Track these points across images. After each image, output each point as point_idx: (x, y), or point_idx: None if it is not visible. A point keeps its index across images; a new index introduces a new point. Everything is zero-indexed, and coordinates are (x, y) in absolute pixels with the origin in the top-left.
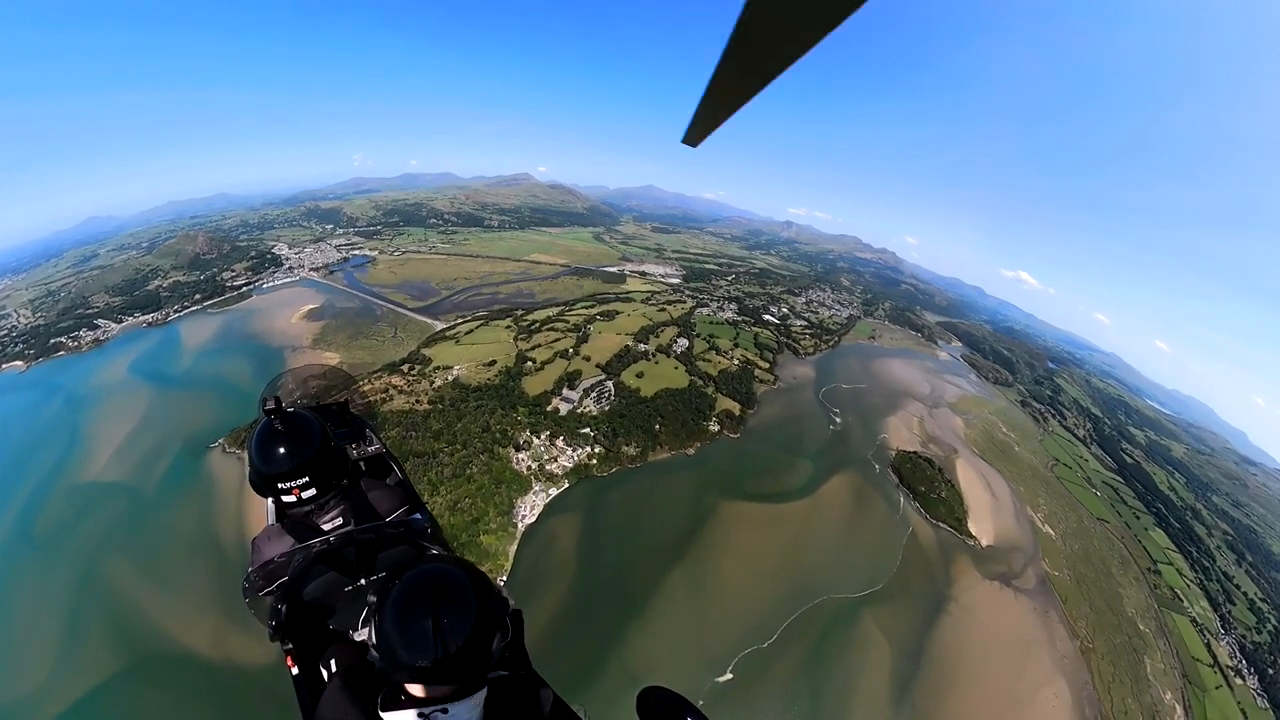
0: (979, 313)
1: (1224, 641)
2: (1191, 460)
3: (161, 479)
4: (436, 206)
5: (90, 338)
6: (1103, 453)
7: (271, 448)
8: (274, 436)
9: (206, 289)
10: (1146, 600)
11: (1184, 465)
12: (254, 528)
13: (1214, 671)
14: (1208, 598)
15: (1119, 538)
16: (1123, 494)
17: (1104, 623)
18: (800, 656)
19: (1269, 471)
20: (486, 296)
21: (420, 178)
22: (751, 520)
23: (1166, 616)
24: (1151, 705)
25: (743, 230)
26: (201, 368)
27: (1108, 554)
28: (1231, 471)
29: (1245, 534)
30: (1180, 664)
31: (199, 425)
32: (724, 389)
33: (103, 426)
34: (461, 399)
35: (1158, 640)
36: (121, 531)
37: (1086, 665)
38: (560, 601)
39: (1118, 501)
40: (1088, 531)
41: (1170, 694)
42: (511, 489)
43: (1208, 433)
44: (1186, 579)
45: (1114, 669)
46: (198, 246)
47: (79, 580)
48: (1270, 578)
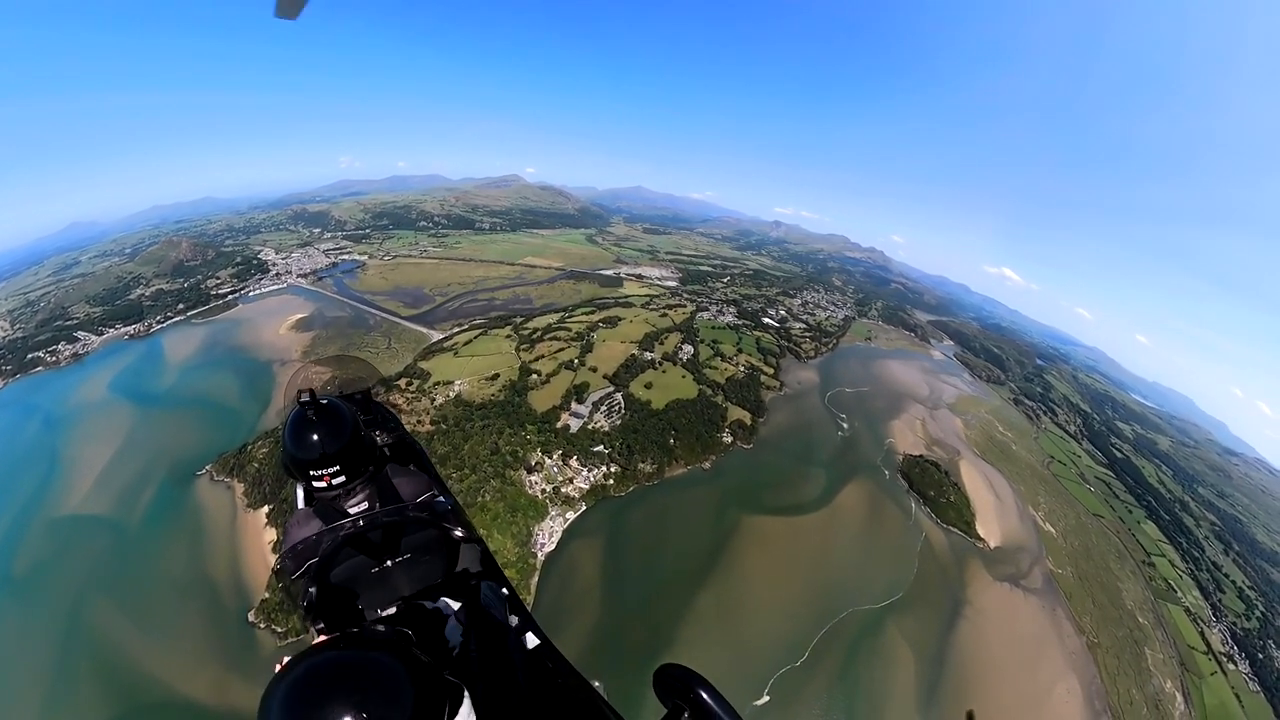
0: (966, 310)
1: (1216, 629)
2: (1177, 453)
3: (147, 512)
4: (426, 209)
5: (69, 352)
6: (1094, 448)
7: (305, 435)
8: (307, 425)
9: (190, 298)
10: (1143, 592)
11: (1170, 458)
12: (250, 566)
13: (1209, 659)
14: (1199, 587)
15: (1114, 532)
16: (1115, 488)
17: (1106, 617)
18: (832, 672)
19: (1250, 461)
20: (482, 303)
21: (409, 179)
22: (773, 535)
23: (1162, 607)
24: (1154, 695)
25: (732, 230)
26: (185, 385)
27: (1105, 549)
28: (1215, 463)
29: (1231, 524)
30: (1178, 653)
31: (184, 450)
32: (733, 397)
33: (82, 451)
34: (465, 418)
35: (1156, 631)
36: (107, 572)
37: (1093, 659)
38: (589, 636)
39: (1111, 496)
40: (1085, 528)
41: (1170, 683)
42: (528, 516)
43: (1190, 425)
44: (1179, 570)
45: (1118, 661)
46: (181, 253)
47: (64, 626)
48: (1256, 565)
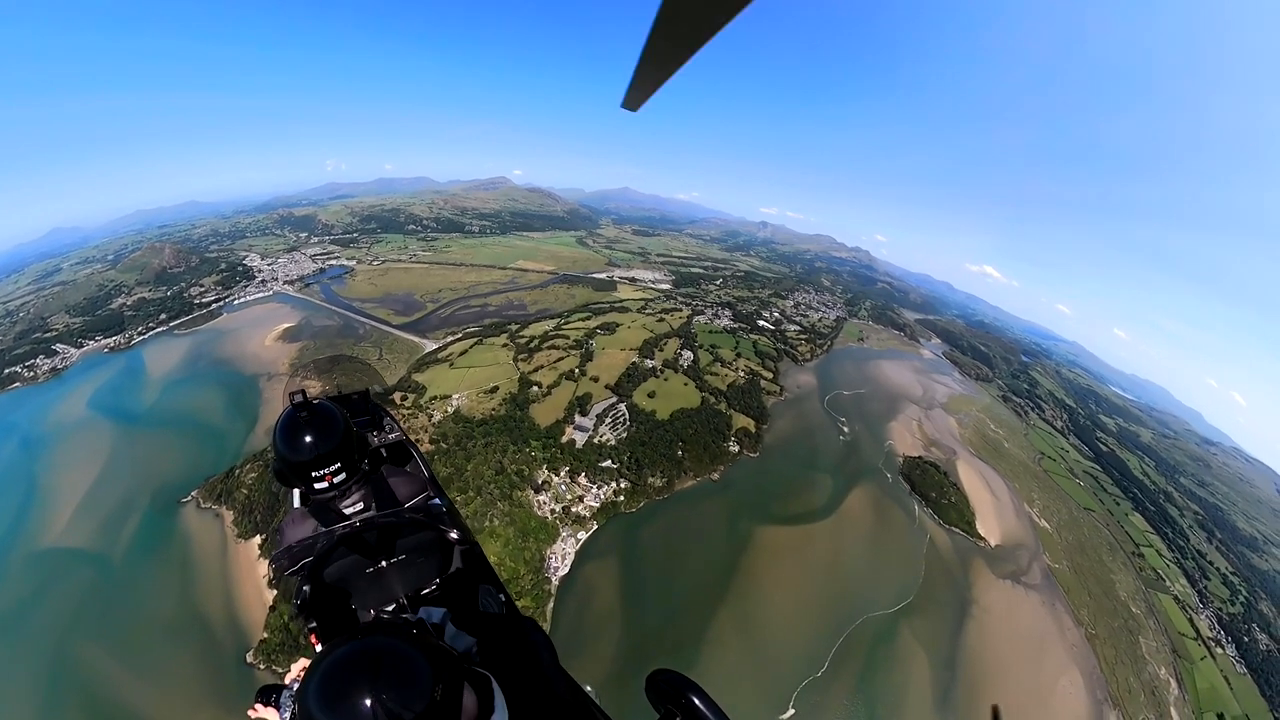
0: (950, 308)
1: (1203, 615)
2: (1158, 444)
3: (131, 544)
4: (415, 212)
5: (48, 366)
6: (1080, 443)
7: (298, 437)
8: (299, 426)
9: (173, 307)
10: (1135, 583)
11: (1153, 450)
12: (245, 603)
13: (1198, 644)
14: (1185, 575)
15: (1104, 525)
16: (1102, 482)
17: (1102, 608)
18: (852, 680)
19: (1227, 450)
20: (475, 309)
21: (396, 182)
22: (785, 545)
23: (1153, 596)
24: (1150, 682)
25: (720, 231)
26: (168, 402)
27: (1097, 542)
28: (1195, 453)
29: (1213, 512)
30: (1169, 640)
31: (168, 474)
32: (736, 404)
33: (62, 477)
34: (466, 435)
35: (1148, 620)
36: (92, 610)
37: (1093, 651)
38: (611, 662)
39: (1099, 490)
40: (1078, 522)
41: (1164, 669)
42: (539, 539)
43: (1169, 415)
44: (1165, 559)
45: (1116, 652)
46: (164, 259)
47: (49, 668)
48: (1237, 551)
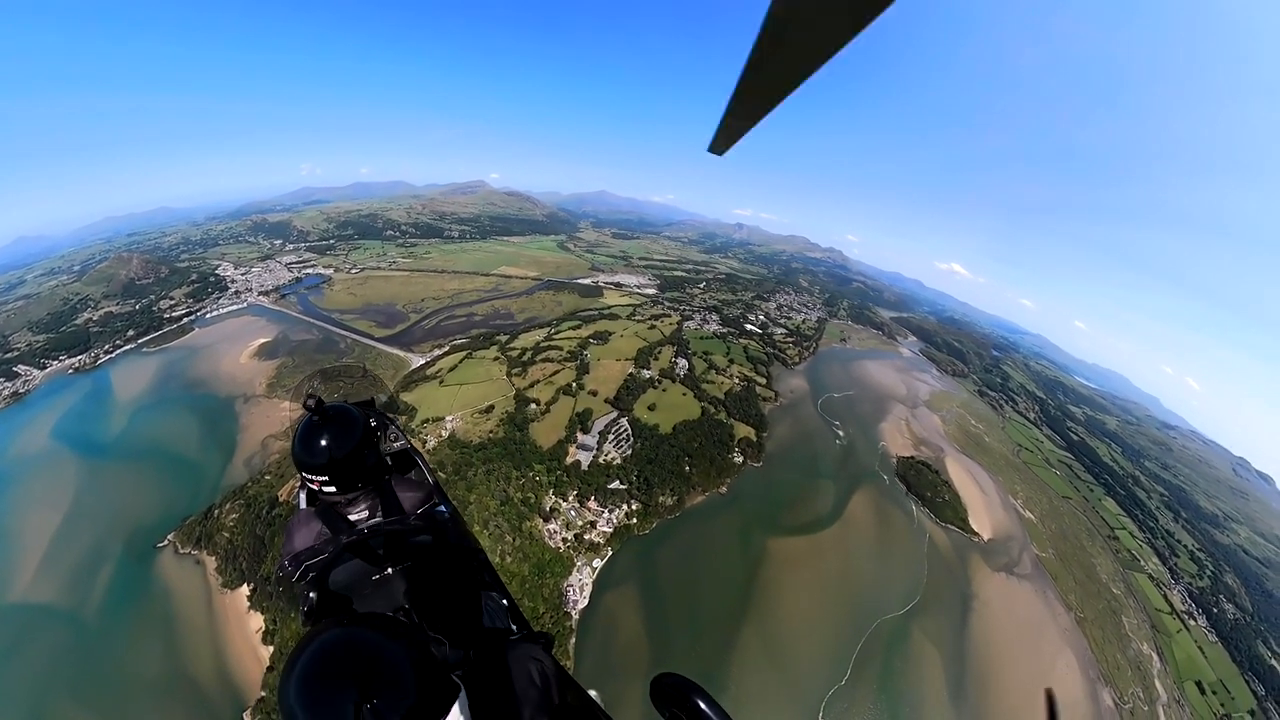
0: (922, 305)
1: (1176, 590)
2: (1123, 431)
3: (105, 599)
4: (392, 217)
5: (9, 390)
6: (1053, 433)
7: (314, 442)
8: (315, 431)
9: (141, 322)
10: (1113, 564)
11: (1119, 436)
12: (237, 659)
13: (1173, 618)
14: (1157, 554)
15: (1082, 511)
16: (1075, 469)
17: (1087, 592)
18: (874, 684)
19: (1185, 434)
20: (461, 319)
21: (372, 186)
22: (797, 556)
23: (1130, 576)
24: (1135, 658)
25: (697, 233)
26: (137, 430)
27: (1077, 529)
28: (1157, 438)
29: (1177, 493)
30: (1149, 617)
31: (141, 514)
32: (736, 413)
33: (25, 520)
34: (465, 462)
35: (1128, 599)
36: (69, 673)
37: (1082, 633)
38: (644, 702)
39: (1073, 478)
40: (1058, 511)
41: (1146, 645)
42: (555, 573)
43: (1130, 403)
44: (1138, 539)
45: (1103, 632)
46: (132, 270)
47: None
48: (1201, 529)
